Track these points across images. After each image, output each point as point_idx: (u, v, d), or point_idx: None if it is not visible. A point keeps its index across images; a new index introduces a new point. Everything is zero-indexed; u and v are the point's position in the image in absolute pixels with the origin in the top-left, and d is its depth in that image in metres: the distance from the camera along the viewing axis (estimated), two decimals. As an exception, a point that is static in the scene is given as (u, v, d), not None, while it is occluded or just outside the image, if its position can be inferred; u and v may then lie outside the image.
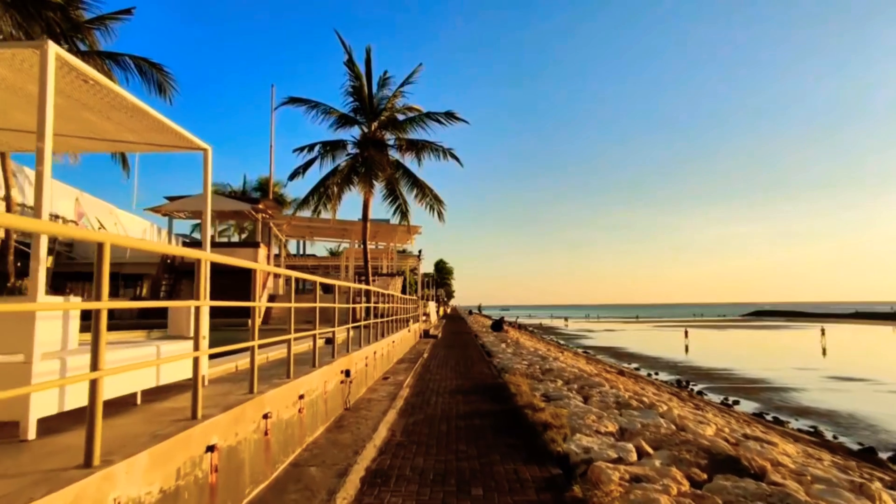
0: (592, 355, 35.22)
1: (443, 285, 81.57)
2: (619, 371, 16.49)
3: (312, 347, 6.71)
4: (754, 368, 30.40)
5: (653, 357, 37.83)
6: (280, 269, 6.65)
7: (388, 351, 12.15)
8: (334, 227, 26.09)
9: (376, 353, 10.09)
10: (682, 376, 27.09)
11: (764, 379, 26.90)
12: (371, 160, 20.87)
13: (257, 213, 21.77)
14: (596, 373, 11.89)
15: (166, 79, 14.66)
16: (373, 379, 9.67)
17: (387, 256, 30.22)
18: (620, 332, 70.21)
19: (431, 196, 21.35)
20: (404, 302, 20.49)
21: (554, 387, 9.09)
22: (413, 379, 10.34)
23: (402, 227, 24.12)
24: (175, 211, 20.24)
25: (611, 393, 8.34)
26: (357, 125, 22.60)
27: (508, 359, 13.98)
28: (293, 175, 22.86)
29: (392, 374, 10.82)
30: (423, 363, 13.08)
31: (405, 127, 22.63)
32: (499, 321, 32.35)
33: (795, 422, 16.77)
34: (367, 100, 22.28)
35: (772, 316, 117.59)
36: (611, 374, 13.29)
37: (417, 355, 14.97)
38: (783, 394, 22.78)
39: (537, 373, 11.10)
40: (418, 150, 22.49)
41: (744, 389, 23.71)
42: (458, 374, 10.99)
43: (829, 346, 47.67)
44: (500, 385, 9.53)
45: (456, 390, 8.96)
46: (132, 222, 28.17)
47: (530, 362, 13.26)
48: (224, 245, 22.40)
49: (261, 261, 22.69)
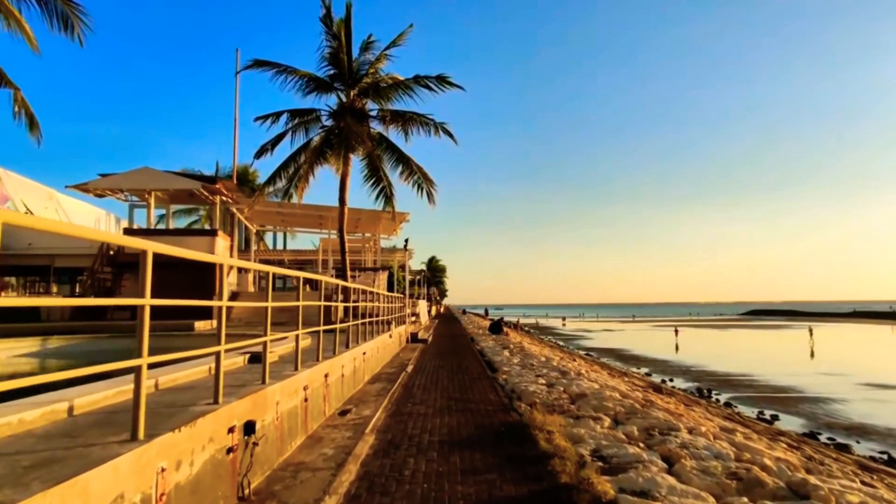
0: (597, 358, 32.52)
1: (435, 284, 78.35)
2: (654, 386, 13.26)
3: (216, 372, 3.45)
4: (776, 373, 28.10)
5: (661, 360, 35.51)
6: (222, 258, 4.93)
7: (358, 367, 8.85)
8: (308, 214, 22.62)
9: (329, 376, 6.74)
10: (700, 383, 24.73)
11: (792, 387, 24.39)
12: (348, 130, 17.45)
13: (213, 194, 18.27)
14: (643, 398, 8.61)
15: (74, 11, 11.20)
16: (322, 416, 6.36)
17: (371, 249, 26.83)
18: (619, 332, 67.97)
19: (420, 174, 17.96)
20: (389, 300, 17.16)
21: (602, 431, 5.79)
22: (386, 413, 7.01)
23: (386, 214, 20.74)
24: (107, 189, 16.72)
25: (701, 446, 5.08)
26: (333, 92, 19.15)
27: (518, 374, 10.67)
28: (260, 152, 19.32)
29: (358, 404, 7.50)
30: (404, 382, 9.74)
31: (389, 95, 19.20)
32: (498, 322, 29.08)
33: (857, 444, 14.00)
34: (345, 63, 18.80)
35: (768, 315, 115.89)
36: (659, 396, 10.03)
37: (400, 368, 11.65)
38: (823, 406, 20.11)
39: (564, 401, 7.81)
40: (405, 123, 19.08)
41: (776, 400, 21.10)
42: (452, 404, 7.66)
43: (839, 347, 46.25)
44: (517, 427, 6.23)
45: (450, 440, 5.64)
46: (79, 209, 24.54)
47: (548, 380, 9.96)
48: (173, 233, 19.00)
49: (220, 252, 19.22)
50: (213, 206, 19.35)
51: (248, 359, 6.39)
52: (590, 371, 12.98)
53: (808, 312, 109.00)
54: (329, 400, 6.77)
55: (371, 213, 22.22)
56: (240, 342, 5.77)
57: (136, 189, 16.93)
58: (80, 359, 11.99)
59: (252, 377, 4.86)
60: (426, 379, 10.23)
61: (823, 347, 45.52)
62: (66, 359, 13.03)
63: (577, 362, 16.66)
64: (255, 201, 18.65)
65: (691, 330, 68.15)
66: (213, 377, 3.75)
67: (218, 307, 3.92)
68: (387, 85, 19.09)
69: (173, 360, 4.14)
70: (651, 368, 29.51)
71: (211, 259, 4.31)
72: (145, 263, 2.89)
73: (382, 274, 24.78)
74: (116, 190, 17.07)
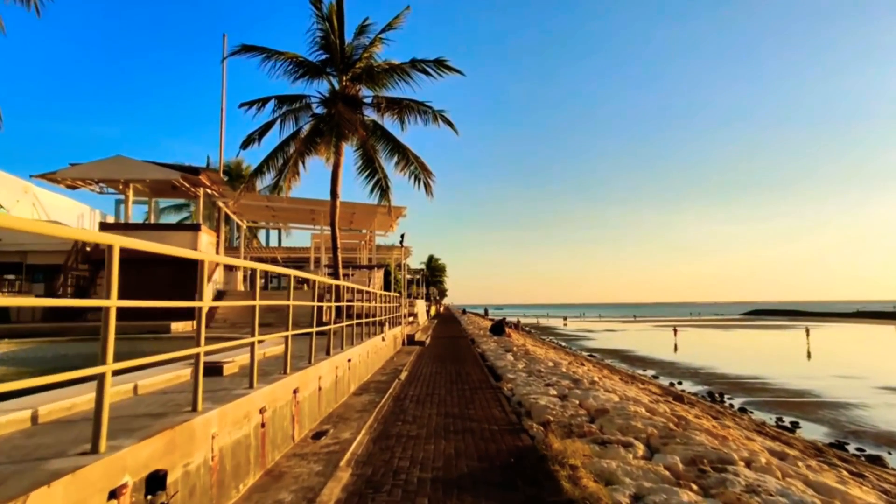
0: (601, 359, 31.51)
1: (434, 283, 77.17)
2: (673, 395, 12.03)
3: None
4: (788, 376, 27.11)
5: (667, 361, 34.48)
6: (203, 254, 3.92)
7: (341, 376, 7.63)
8: (299, 209, 21.36)
9: (301, 392, 5.50)
10: (711, 387, 23.66)
11: (808, 391, 23.31)
12: (339, 116, 16.21)
13: (196, 186, 17.00)
14: (671, 412, 7.38)
15: (28, -24, 10.00)
16: (289, 442, 5.12)
17: (365, 247, 25.58)
18: (621, 332, 66.94)
19: (417, 163, 16.73)
20: (382, 300, 15.95)
21: (638, 464, 4.56)
22: (369, 436, 5.78)
23: (382, 208, 19.46)
24: (78, 180, 15.45)
25: (773, 489, 3.87)
26: (325, 78, 17.92)
27: (525, 383, 9.44)
28: (247, 142, 18.09)
29: (338, 423, 6.29)
30: (396, 394, 8.52)
31: (384, 81, 17.98)
32: (499, 323, 27.81)
33: (889, 455, 12.89)
34: (337, 47, 17.56)
35: (770, 315, 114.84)
36: (683, 408, 8.81)
37: (392, 376, 10.43)
38: (845, 412, 19.01)
39: (583, 418, 6.58)
40: (401, 111, 17.86)
41: (793, 405, 20.03)
42: (450, 423, 6.44)
43: (848, 349, 44.13)
44: (530, 456, 5.01)
45: (446, 476, 4.40)
46: (59, 204, 23.28)
47: (560, 390, 8.73)
48: (154, 228, 17.77)
49: (203, 248, 17.99)
50: (196, 200, 18.06)
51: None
52: (602, 378, 11.75)
53: (811, 312, 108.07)
54: (300, 420, 5.55)
55: (366, 207, 20.98)
56: (188, 350, 4.58)
57: (109, 179, 15.65)
58: (43, 364, 10.87)
59: (188, 399, 3.66)
60: (421, 389, 9.00)
61: (832, 348, 44.48)
62: (26, 365, 11.82)
63: (586, 367, 15.44)
64: (241, 194, 17.41)
65: (694, 330, 67.12)
66: (121, 402, 2.55)
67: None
68: (382, 70, 17.87)
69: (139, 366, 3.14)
70: (658, 371, 28.54)
71: (190, 255, 3.73)
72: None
73: (378, 272, 23.56)
74: (88, 180, 15.79)
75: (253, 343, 4.47)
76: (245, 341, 4.53)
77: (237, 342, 4.76)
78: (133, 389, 3.93)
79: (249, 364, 4.44)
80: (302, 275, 6.77)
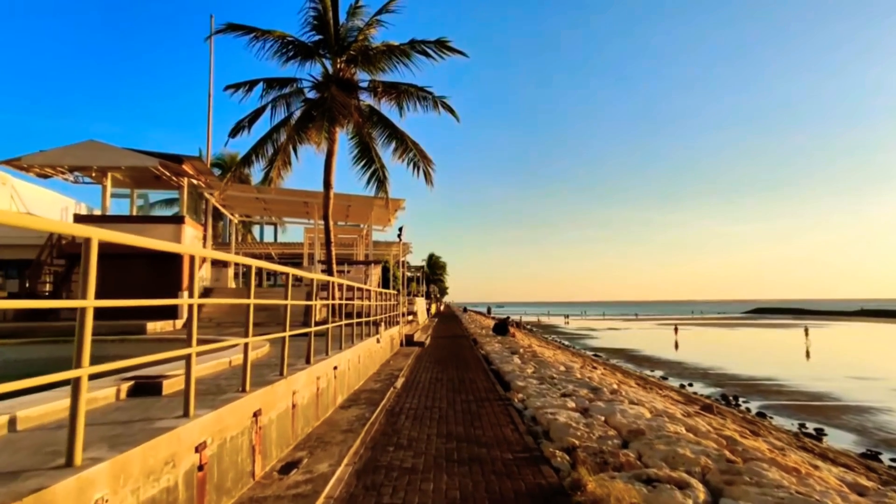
0: (606, 359, 30.55)
1: (435, 281, 75.98)
2: (703, 405, 10.85)
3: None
4: (802, 377, 26.23)
5: (674, 362, 33.56)
6: (182, 247, 2.23)
7: (324, 389, 6.45)
8: (291, 201, 20.17)
9: (263, 415, 4.28)
10: (724, 389, 22.72)
11: (826, 393, 22.38)
12: (332, 100, 15.00)
13: (178, 175, 15.79)
14: (713, 430, 6.20)
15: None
16: (242, 483, 3.90)
17: (362, 242, 24.39)
18: (625, 330, 66.01)
19: (415, 150, 15.55)
20: (378, 298, 14.78)
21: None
22: (353, 468, 4.58)
23: (379, 200, 18.28)
24: (47, 167, 14.23)
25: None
26: (318, 60, 16.71)
27: (538, 392, 8.26)
28: (236, 129, 16.90)
29: (315, 448, 5.11)
30: (389, 407, 7.33)
31: (382, 63, 16.76)
32: (503, 322, 26.65)
33: (927, 464, 11.79)
34: (331, 27, 16.33)
35: (773, 313, 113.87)
36: (720, 422, 7.64)
37: (387, 383, 9.25)
38: (870, 416, 18.03)
39: (614, 442, 5.40)
40: (399, 96, 16.68)
41: (813, 410, 19.05)
42: (453, 448, 5.24)
43: (857, 348, 43.19)
44: (557, 501, 3.85)
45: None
46: (41, 197, 22.04)
47: (579, 402, 7.55)
48: (134, 220, 16.56)
49: (188, 242, 16.81)
50: (180, 191, 16.87)
51: (130, 389, 3.99)
52: (620, 384, 10.58)
53: (814, 311, 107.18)
54: (265, 450, 4.38)
55: (362, 199, 19.80)
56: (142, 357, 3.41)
57: (81, 166, 14.45)
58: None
59: (102, 434, 2.51)
60: (419, 400, 7.82)
61: (841, 348, 43.48)
62: None
63: (599, 371, 14.26)
64: (228, 185, 16.24)
65: (698, 329, 66.14)
66: None
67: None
68: (379, 52, 16.65)
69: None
70: (666, 371, 27.63)
71: (171, 248, 3.30)
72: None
73: (375, 268, 22.39)
74: (59, 168, 14.59)
75: (189, 355, 3.29)
76: (237, 341, 3.35)
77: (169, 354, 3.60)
78: (7, 424, 2.76)
79: (185, 383, 3.26)
80: (271, 266, 5.62)
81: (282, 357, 5.18)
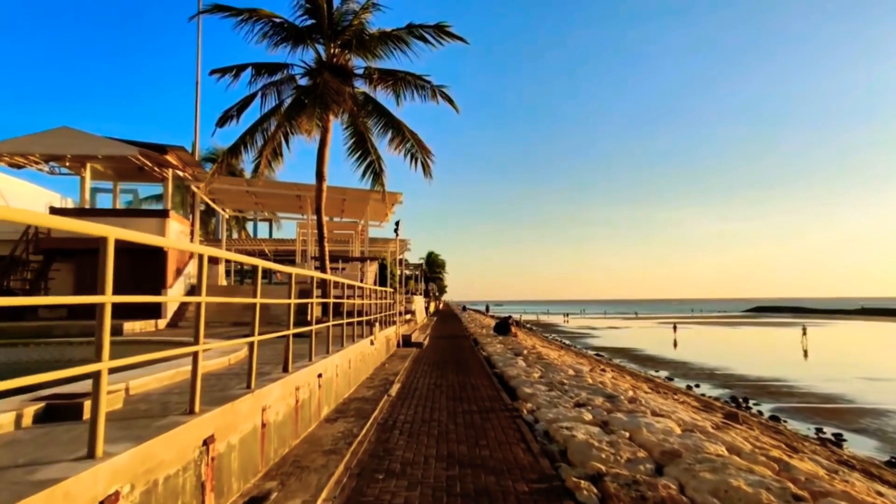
0: (609, 359, 29.84)
1: (434, 279, 75.14)
2: (726, 412, 9.99)
3: None
4: (811, 378, 25.63)
5: (679, 361, 32.93)
6: (160, 241, 2.97)
7: (305, 401, 5.58)
8: (283, 194, 19.24)
9: (218, 442, 3.41)
10: (732, 390, 22.11)
11: (839, 395, 21.78)
12: (326, 86, 14.09)
13: (162, 166, 14.86)
14: (759, 451, 5.33)
15: None
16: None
17: (358, 238, 23.52)
18: (625, 329, 65.42)
19: (413, 140, 14.65)
20: (376, 296, 13.93)
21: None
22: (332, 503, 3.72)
23: (375, 193, 17.40)
24: (16, 155, 13.29)
25: None
26: (310, 45, 15.78)
27: (548, 401, 7.38)
28: (223, 119, 15.96)
29: (289, 475, 4.22)
30: (381, 420, 6.44)
31: (377, 49, 15.84)
32: (505, 322, 25.79)
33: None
34: (324, 10, 15.41)
35: (773, 312, 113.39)
36: (754, 436, 6.78)
37: (381, 391, 8.37)
38: (888, 420, 17.57)
39: (647, 467, 4.54)
40: (395, 84, 15.78)
41: (828, 413, 18.38)
42: (455, 477, 4.34)
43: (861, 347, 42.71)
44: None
45: None
46: (24, 192, 21.05)
47: (596, 413, 6.67)
48: (115, 213, 15.64)
49: (173, 236, 15.91)
50: (165, 182, 15.95)
51: (39, 413, 3.10)
52: (637, 390, 9.71)
53: (815, 309, 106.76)
54: (221, 486, 3.50)
55: (357, 192, 18.88)
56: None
57: (53, 155, 13.49)
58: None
59: None
60: (416, 411, 6.94)
61: (845, 348, 42.83)
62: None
63: (609, 374, 13.38)
64: (214, 176, 15.34)
65: (699, 328, 65.52)
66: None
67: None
68: (375, 37, 15.73)
69: None
70: (671, 371, 26.99)
71: (181, 247, 2.52)
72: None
73: (371, 265, 21.51)
74: (30, 156, 13.64)
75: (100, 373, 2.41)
76: (213, 344, 2.47)
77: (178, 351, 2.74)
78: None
79: (92, 406, 2.38)
80: (246, 260, 4.76)
81: (249, 366, 4.31)
